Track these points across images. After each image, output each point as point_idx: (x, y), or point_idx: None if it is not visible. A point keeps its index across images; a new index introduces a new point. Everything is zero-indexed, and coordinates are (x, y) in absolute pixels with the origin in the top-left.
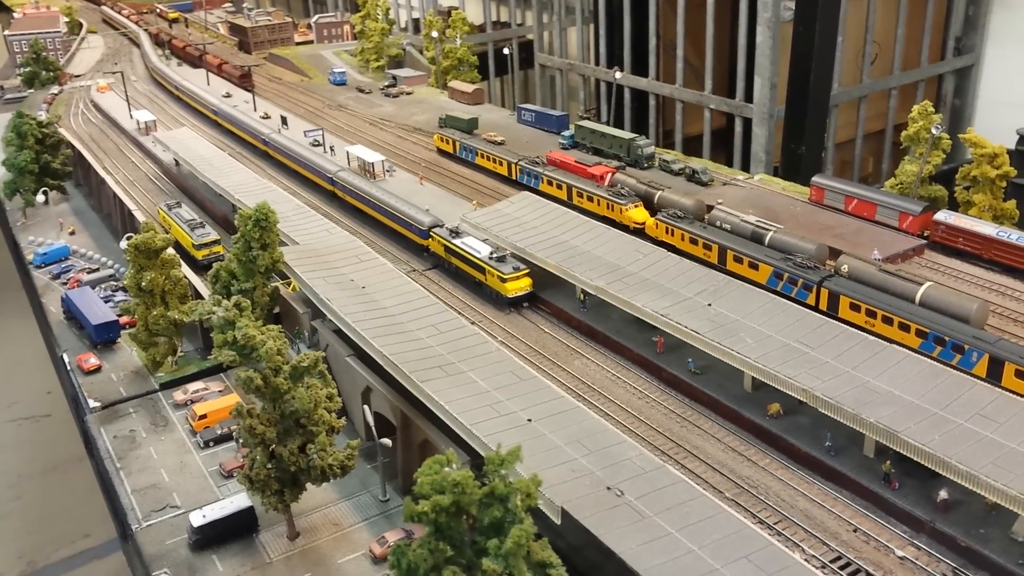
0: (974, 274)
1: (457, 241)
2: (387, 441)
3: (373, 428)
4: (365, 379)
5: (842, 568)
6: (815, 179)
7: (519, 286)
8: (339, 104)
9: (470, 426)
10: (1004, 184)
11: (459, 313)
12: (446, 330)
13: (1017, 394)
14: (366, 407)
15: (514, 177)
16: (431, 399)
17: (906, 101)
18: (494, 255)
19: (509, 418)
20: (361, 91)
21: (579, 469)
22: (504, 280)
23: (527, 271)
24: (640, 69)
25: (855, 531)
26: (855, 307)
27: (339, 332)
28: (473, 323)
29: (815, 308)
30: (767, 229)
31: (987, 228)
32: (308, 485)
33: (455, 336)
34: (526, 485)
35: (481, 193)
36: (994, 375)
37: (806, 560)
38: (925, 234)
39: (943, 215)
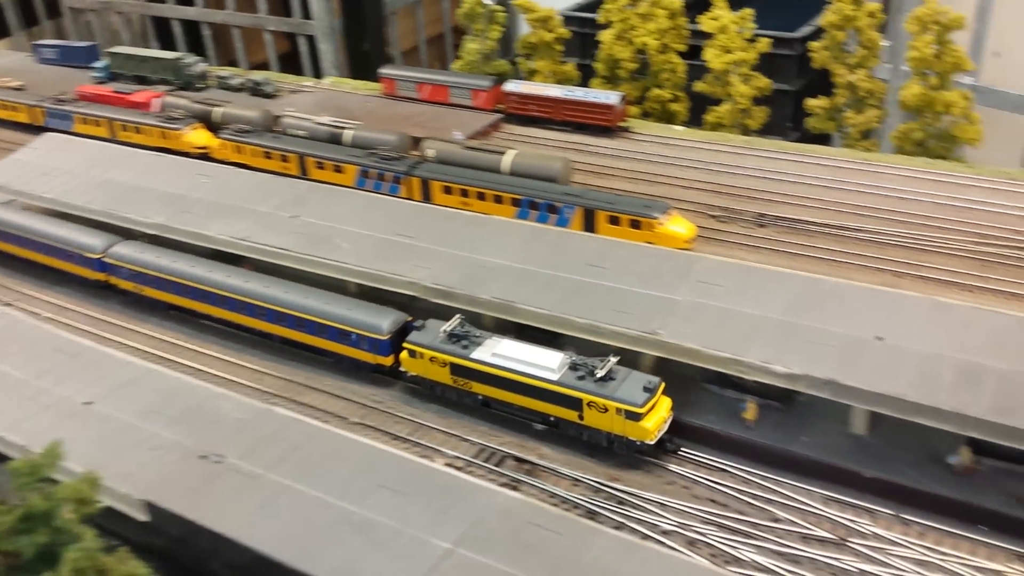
0: (552, 137)
1: (482, 355)
2: None
3: None
4: None
5: (487, 460)
6: (383, 71)
7: (661, 417)
8: None
9: None
10: (561, 48)
11: None
12: None
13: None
14: None
15: (40, 123)
16: None
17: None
18: (586, 367)
19: (57, 409)
20: None
21: (163, 444)
22: (638, 416)
23: (662, 384)
24: None
25: (491, 419)
26: (447, 190)
27: None
28: None
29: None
30: (344, 127)
31: (555, 91)
32: None
33: None
34: (76, 490)
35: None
36: (589, 227)
37: (448, 464)
38: (499, 108)
39: (512, 85)
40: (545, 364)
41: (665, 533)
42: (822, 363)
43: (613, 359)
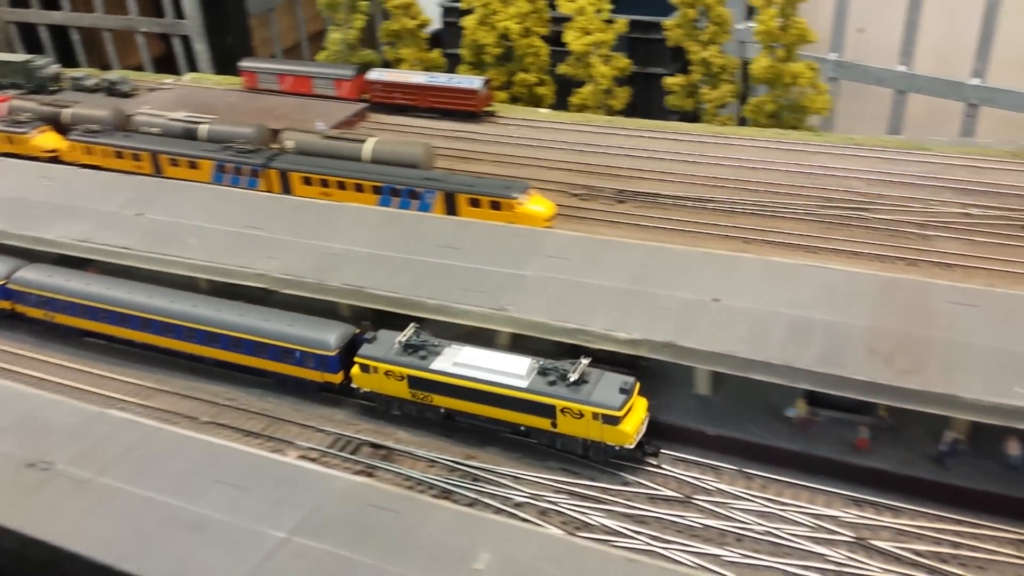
0: (417, 124)
1: (443, 365)
2: None
3: None
4: None
5: (342, 449)
6: (242, 64)
7: (639, 419)
8: None
9: None
10: (427, 35)
11: None
12: None
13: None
14: None
15: None
16: None
17: None
18: (556, 371)
19: None
20: None
21: None
22: (616, 420)
23: (637, 383)
24: (52, 2)
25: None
26: (307, 181)
27: None
28: None
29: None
30: (199, 122)
31: (418, 77)
32: None
33: None
34: None
35: None
36: (451, 210)
37: (302, 455)
38: (364, 97)
39: (375, 74)
40: (512, 371)
41: (518, 505)
42: (661, 327)
43: (584, 361)
